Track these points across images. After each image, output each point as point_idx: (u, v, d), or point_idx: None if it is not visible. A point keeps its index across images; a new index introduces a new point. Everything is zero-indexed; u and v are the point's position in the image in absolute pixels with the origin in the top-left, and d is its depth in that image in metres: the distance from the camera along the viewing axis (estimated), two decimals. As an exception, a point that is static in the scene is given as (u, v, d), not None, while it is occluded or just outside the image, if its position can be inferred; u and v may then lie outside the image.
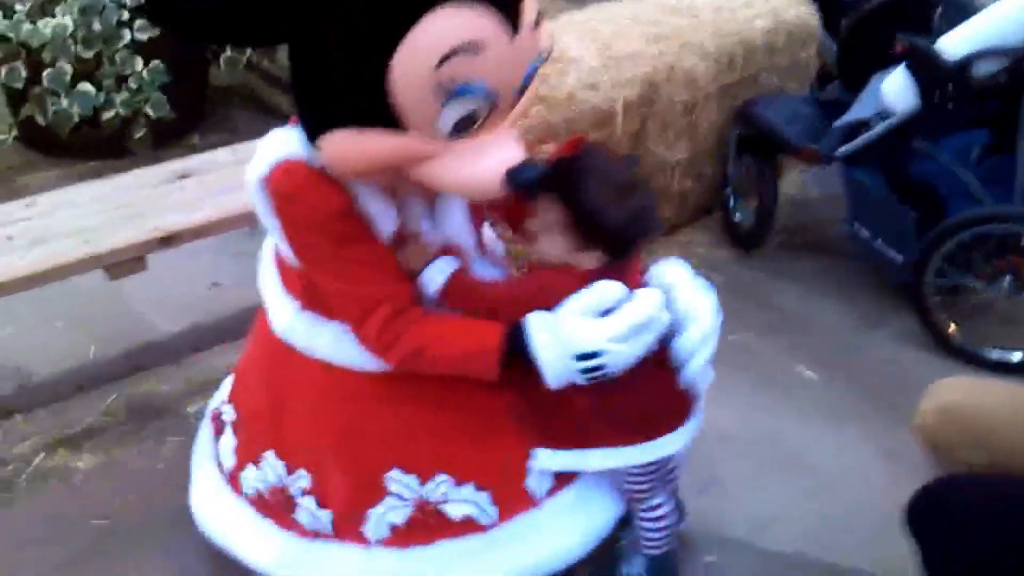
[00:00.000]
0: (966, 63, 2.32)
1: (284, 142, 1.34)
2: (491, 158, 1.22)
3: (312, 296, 1.48)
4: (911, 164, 2.57)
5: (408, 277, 1.42)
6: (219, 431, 1.77)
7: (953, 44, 2.36)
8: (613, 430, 1.52)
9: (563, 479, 1.61)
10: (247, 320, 1.71)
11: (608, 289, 1.38)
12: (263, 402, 1.63)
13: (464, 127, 1.19)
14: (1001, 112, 2.36)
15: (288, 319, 1.54)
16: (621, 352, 1.35)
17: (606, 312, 1.37)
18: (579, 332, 1.35)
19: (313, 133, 1.25)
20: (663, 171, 2.82)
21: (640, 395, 1.49)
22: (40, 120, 3.24)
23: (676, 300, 1.47)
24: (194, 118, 3.65)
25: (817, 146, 2.74)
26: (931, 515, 1.47)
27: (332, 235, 1.34)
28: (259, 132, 1.46)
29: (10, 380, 2.41)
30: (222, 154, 2.34)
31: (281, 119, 1.39)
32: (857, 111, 2.63)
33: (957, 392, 1.68)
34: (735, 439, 2.26)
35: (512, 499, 1.56)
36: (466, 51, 1.12)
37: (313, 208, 1.31)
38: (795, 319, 2.76)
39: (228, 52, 3.32)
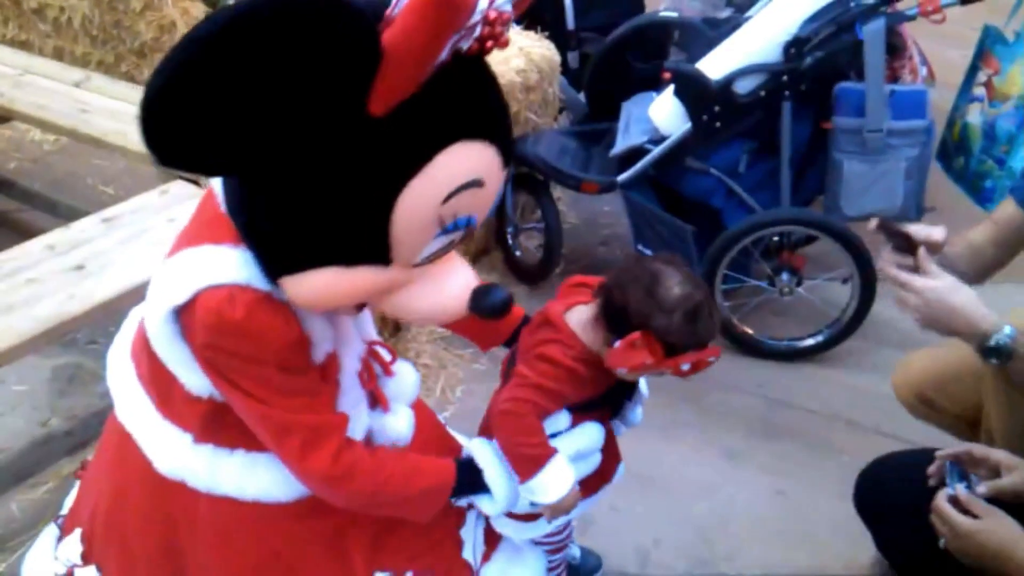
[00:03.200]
0: (728, 82, 2.51)
1: (211, 264, 1.15)
2: (453, 282, 1.22)
3: (211, 425, 1.28)
4: (684, 181, 2.74)
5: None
6: None
7: (714, 66, 2.54)
8: None
9: (490, 543, 1.55)
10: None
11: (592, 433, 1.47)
12: (152, 552, 1.37)
13: (435, 256, 1.17)
14: (764, 123, 2.57)
15: (179, 454, 1.31)
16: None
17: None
18: None
19: (279, 270, 1.12)
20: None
21: None
22: None
23: None
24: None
25: (592, 175, 2.84)
26: (870, 498, 1.61)
27: (280, 367, 1.18)
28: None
29: None
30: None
31: (22, 234, 1.16)
32: (628, 138, 2.75)
33: (925, 359, 1.90)
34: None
35: (454, 574, 1.49)
36: (472, 186, 1.10)
37: (266, 341, 1.15)
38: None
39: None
